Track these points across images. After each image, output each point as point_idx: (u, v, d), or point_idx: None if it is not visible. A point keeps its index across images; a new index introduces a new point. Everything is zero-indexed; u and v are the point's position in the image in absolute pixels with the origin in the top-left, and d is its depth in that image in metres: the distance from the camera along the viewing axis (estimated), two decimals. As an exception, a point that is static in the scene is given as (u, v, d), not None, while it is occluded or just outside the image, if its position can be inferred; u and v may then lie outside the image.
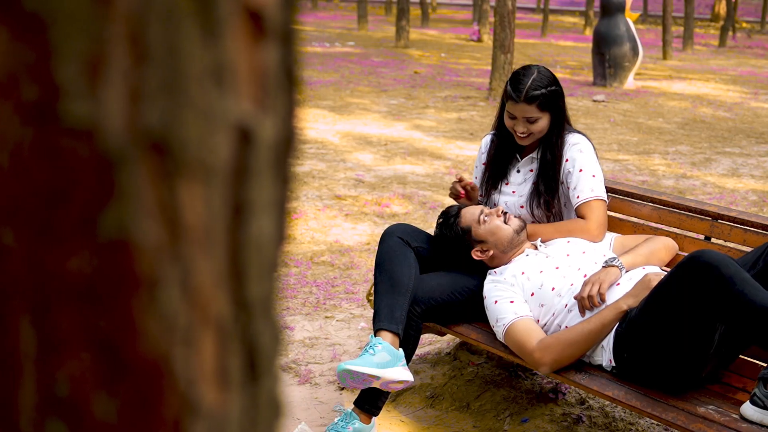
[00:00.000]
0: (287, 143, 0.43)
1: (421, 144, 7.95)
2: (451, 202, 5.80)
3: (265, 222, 0.42)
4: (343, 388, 3.32)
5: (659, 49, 16.46)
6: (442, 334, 3.36)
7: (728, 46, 18.85)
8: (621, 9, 11.51)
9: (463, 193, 3.19)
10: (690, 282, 2.35)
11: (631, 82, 11.60)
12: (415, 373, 3.37)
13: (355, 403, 2.92)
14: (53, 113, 0.36)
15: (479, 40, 18.36)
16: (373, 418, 2.92)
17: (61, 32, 0.36)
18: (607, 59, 11.46)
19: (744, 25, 24.25)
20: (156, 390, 0.40)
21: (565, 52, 16.87)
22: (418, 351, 3.56)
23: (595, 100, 10.47)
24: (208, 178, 0.39)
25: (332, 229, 5.33)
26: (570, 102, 10.19)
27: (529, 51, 16.57)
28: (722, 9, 25.02)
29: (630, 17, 12.05)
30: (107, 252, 0.38)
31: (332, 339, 3.78)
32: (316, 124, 8.88)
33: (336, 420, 2.91)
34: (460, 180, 3.20)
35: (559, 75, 12.69)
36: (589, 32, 20.17)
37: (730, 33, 20.41)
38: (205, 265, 0.40)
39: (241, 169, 0.40)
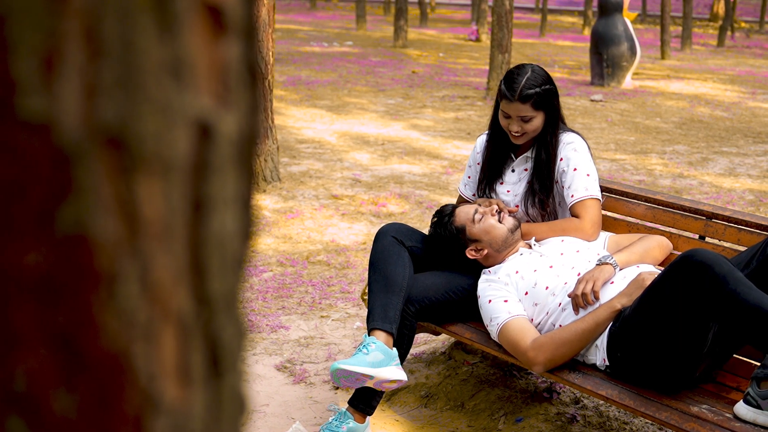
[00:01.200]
0: (250, 139, 0.43)
1: (418, 144, 7.95)
2: (447, 201, 5.80)
3: (227, 218, 0.42)
4: (337, 388, 3.32)
5: (658, 49, 16.46)
6: (437, 334, 3.36)
7: (727, 46, 18.85)
8: (619, 9, 11.51)
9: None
10: (683, 281, 2.35)
11: (628, 81, 11.60)
12: (409, 372, 3.37)
13: (350, 402, 2.92)
14: (9, 108, 0.36)
15: (477, 39, 18.36)
16: (368, 417, 2.92)
17: (16, 27, 0.36)
18: (605, 59, 11.46)
19: (743, 24, 24.25)
20: (116, 386, 0.39)
21: (564, 52, 16.87)
22: (413, 350, 3.56)
23: (592, 100, 10.47)
24: (166, 173, 0.39)
25: (328, 229, 5.33)
26: (568, 102, 10.19)
27: (527, 51, 16.57)
28: (721, 9, 25.02)
29: (628, 17, 12.05)
30: (65, 247, 0.38)
31: (327, 338, 3.78)
32: (313, 123, 8.88)
33: (330, 419, 2.91)
34: (498, 205, 3.12)
35: (557, 75, 12.70)
36: (587, 32, 20.17)
37: (729, 33, 20.41)
38: (164, 261, 0.40)
39: (202, 164, 0.40)
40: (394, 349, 2.82)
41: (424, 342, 3.71)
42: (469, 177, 3.36)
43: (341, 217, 5.58)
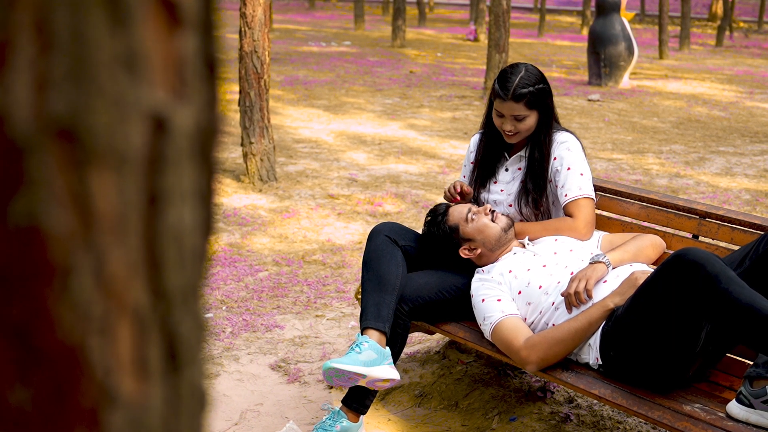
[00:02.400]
0: (209, 133, 0.43)
1: (415, 143, 7.95)
2: (443, 200, 5.79)
3: (185, 211, 0.42)
4: (332, 387, 3.32)
5: (655, 49, 16.46)
6: (432, 333, 3.36)
7: (725, 46, 18.85)
8: (616, 8, 11.51)
9: (458, 198, 3.18)
10: (676, 280, 2.35)
11: (626, 81, 11.60)
12: (403, 371, 3.37)
13: (343, 401, 2.92)
14: (-40, 101, 0.36)
15: (476, 39, 18.36)
16: (361, 416, 2.92)
17: (-34, 20, 0.35)
18: (603, 59, 11.46)
19: (741, 24, 24.25)
20: (72, 379, 0.39)
21: (562, 52, 16.87)
22: (407, 349, 3.56)
23: (590, 100, 10.47)
24: (120, 166, 0.39)
25: (324, 228, 5.33)
26: (565, 101, 10.19)
27: (525, 50, 16.57)
28: (719, 8, 25.02)
29: (625, 16, 12.05)
30: (18, 239, 0.38)
31: (322, 338, 3.78)
32: (310, 123, 8.88)
33: (324, 418, 2.91)
34: (455, 187, 3.18)
35: (554, 74, 12.70)
36: (586, 32, 20.16)
37: (727, 32, 20.40)
38: (118, 254, 0.40)
39: (157, 157, 0.40)
40: (387, 348, 2.82)
41: (419, 341, 3.71)
42: (464, 176, 3.36)
43: (337, 216, 5.58)
